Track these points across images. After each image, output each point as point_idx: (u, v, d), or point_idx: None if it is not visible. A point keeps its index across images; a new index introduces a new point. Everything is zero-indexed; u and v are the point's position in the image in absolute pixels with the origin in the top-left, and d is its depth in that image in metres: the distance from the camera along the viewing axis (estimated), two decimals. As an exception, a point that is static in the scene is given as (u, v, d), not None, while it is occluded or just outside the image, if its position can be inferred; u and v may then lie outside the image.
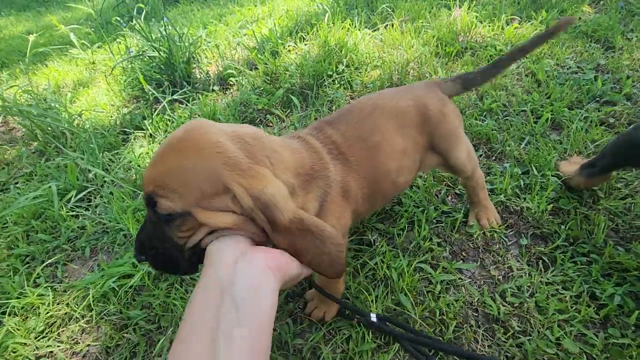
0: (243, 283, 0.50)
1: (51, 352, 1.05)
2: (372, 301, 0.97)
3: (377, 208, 1.16)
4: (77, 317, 1.10)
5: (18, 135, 2.27)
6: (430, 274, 1.02)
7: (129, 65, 2.37)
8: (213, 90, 2.10)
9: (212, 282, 0.51)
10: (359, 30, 2.18)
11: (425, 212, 1.18)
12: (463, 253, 1.08)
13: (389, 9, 2.47)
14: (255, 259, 0.54)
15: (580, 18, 2.08)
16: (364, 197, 0.84)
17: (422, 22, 2.21)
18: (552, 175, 1.20)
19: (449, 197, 1.26)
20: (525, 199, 1.17)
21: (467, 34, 2.09)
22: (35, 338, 1.07)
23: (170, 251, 0.63)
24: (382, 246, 1.10)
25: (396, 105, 0.89)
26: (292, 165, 0.66)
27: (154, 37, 2.12)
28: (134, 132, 1.87)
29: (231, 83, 2.15)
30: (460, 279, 1.01)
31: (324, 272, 0.61)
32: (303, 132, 0.83)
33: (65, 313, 1.12)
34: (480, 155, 1.37)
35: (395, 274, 1.01)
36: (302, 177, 0.68)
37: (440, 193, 1.27)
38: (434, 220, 1.17)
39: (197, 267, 0.67)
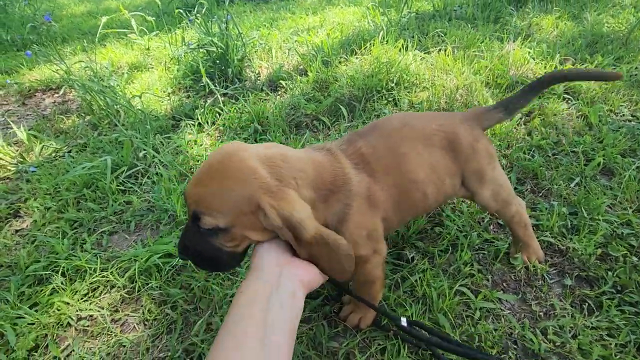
0: (285, 290, 0.64)
1: (91, 315, 1.09)
2: (410, 317, 0.98)
3: (408, 220, 1.13)
4: (119, 287, 1.15)
5: (73, 107, 2.40)
6: (471, 299, 1.01)
7: (183, 56, 2.48)
8: (262, 90, 2.17)
9: (261, 283, 0.64)
10: (411, 51, 2.22)
11: (468, 237, 1.18)
12: (504, 284, 1.08)
13: (441, 34, 2.50)
14: (293, 274, 0.67)
15: (637, 67, 2.05)
16: (394, 205, 0.87)
17: (474, 51, 2.23)
18: (602, 220, 1.19)
19: (492, 227, 1.26)
20: (572, 239, 1.16)
21: (519, 68, 2.09)
22: (79, 300, 1.12)
23: (213, 253, 0.73)
24: (423, 264, 1.10)
25: (423, 126, 0.92)
26: (313, 181, 0.75)
27: (212, 32, 2.22)
28: (184, 119, 1.94)
29: (281, 86, 2.21)
30: (500, 308, 1.00)
31: (335, 276, 0.73)
32: (333, 145, 0.87)
33: (108, 281, 1.17)
34: (527, 190, 1.36)
35: (434, 294, 1.02)
36: (322, 192, 0.76)
37: (483, 221, 1.27)
38: (476, 247, 1.17)
39: (240, 262, 0.78)
